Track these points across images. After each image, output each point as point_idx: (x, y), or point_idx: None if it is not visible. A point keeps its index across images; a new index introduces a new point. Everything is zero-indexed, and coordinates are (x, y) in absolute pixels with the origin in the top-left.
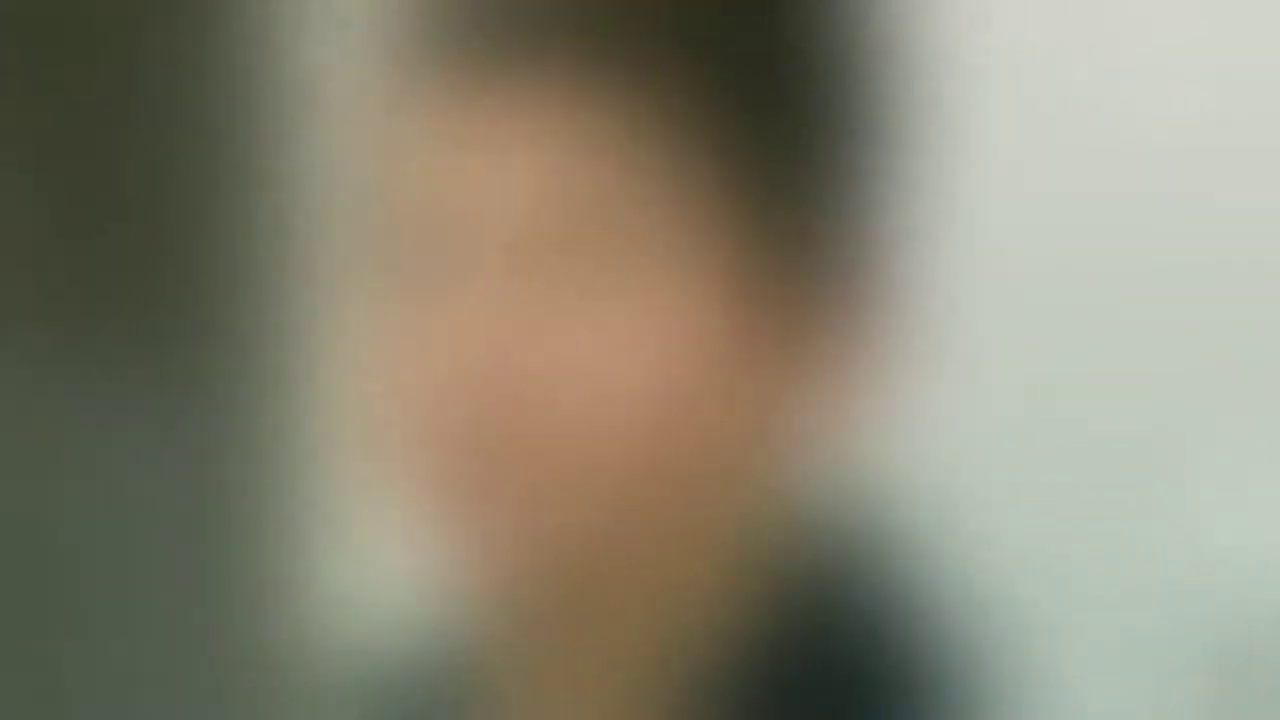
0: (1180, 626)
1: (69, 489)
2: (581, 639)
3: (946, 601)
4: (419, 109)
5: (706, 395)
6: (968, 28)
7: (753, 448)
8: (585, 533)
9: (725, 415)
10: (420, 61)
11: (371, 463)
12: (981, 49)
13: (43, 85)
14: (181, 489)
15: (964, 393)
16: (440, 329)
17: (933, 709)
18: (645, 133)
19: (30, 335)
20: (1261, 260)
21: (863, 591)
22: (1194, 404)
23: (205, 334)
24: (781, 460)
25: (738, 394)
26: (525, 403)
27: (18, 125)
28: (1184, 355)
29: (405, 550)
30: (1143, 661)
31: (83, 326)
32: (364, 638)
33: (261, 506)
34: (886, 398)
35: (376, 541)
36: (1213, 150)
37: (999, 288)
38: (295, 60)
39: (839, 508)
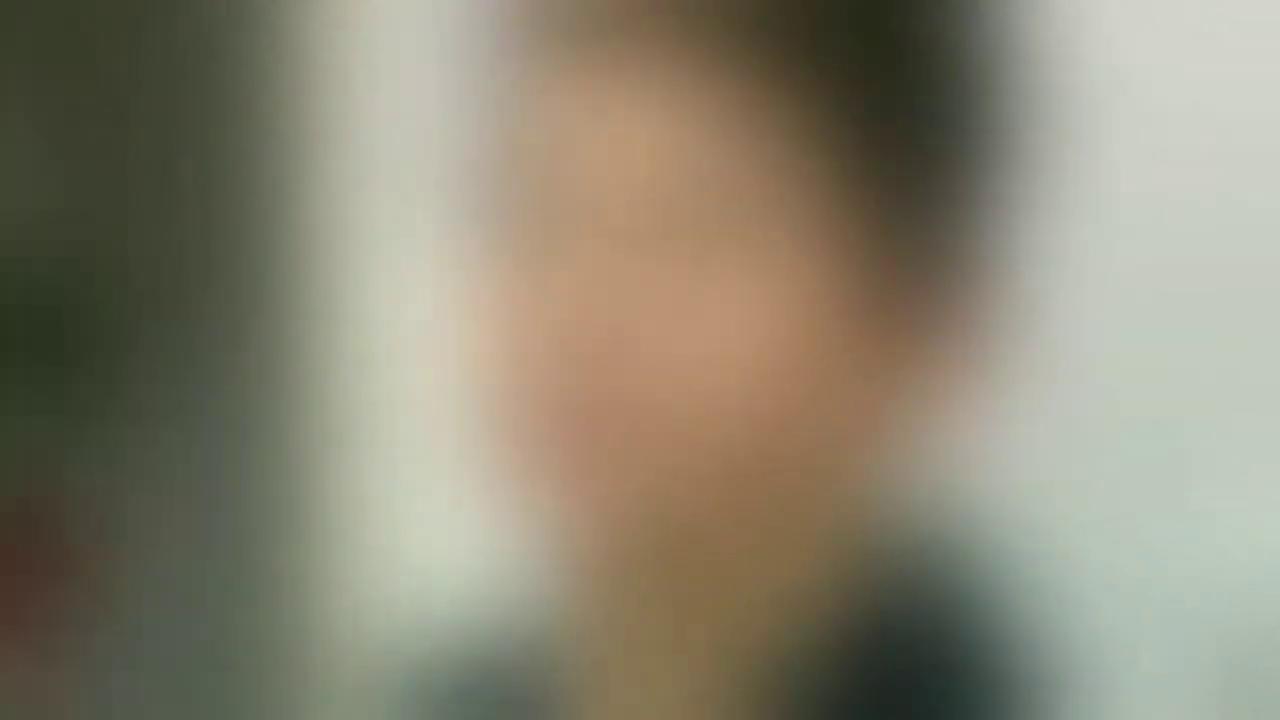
0: (1207, 625)
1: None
2: (668, 620)
3: (1031, 607)
4: (533, 80)
5: (811, 382)
6: (1090, 33)
7: (854, 440)
8: (679, 512)
9: (829, 404)
10: (536, 31)
11: (459, 436)
12: (1103, 55)
13: (66, 70)
14: (211, 479)
15: (1068, 400)
16: (549, 299)
17: (1012, 713)
18: (765, 111)
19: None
20: None
21: (952, 595)
22: None
23: (240, 314)
24: (882, 456)
25: (843, 384)
26: (629, 377)
27: (32, 115)
28: None
29: (494, 525)
30: (1165, 659)
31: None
32: (439, 617)
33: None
34: (991, 401)
35: (460, 516)
36: None
37: (1111, 296)
38: (341, 40)
39: (936, 509)
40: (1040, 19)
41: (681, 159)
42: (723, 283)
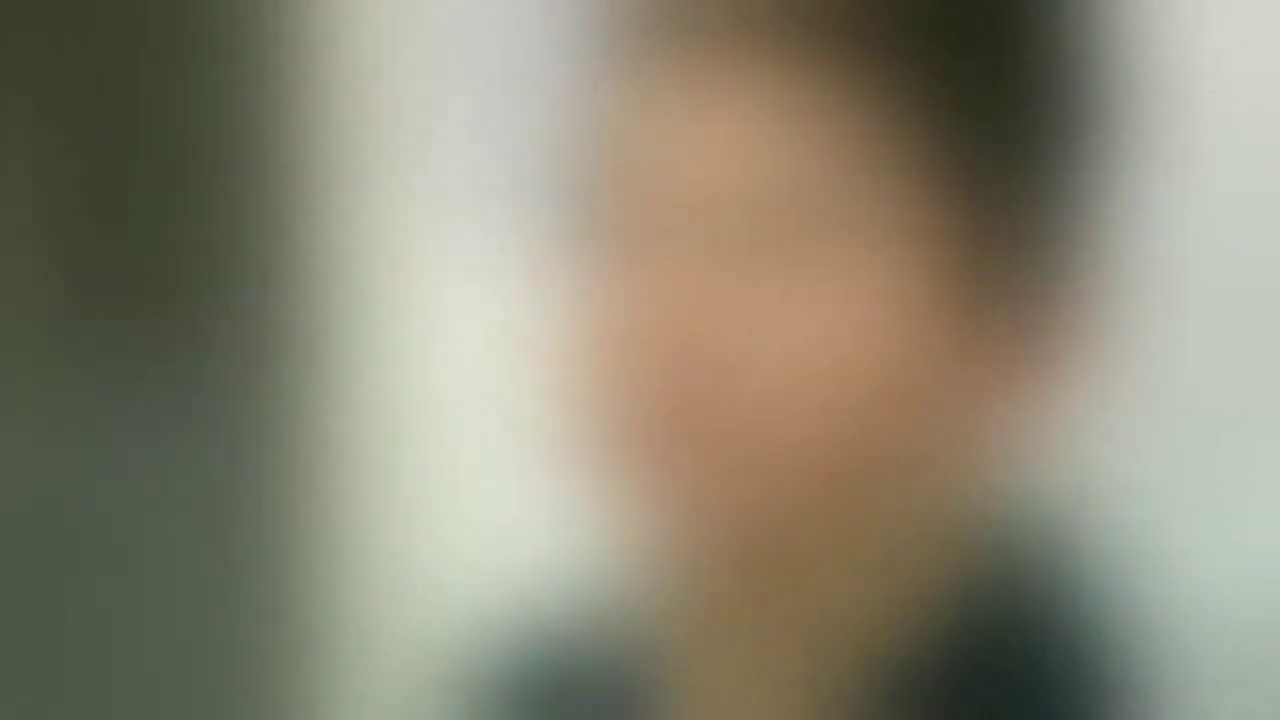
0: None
1: (111, 481)
2: (758, 617)
3: (1118, 602)
4: (624, 85)
5: (904, 384)
6: (1182, 29)
7: (945, 438)
8: (770, 514)
9: (921, 406)
10: (627, 36)
11: (546, 434)
12: (1194, 51)
13: (72, 71)
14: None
15: (1159, 396)
16: (641, 303)
17: (1107, 710)
18: (857, 114)
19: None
20: None
21: (1047, 591)
22: None
23: (248, 321)
24: (973, 453)
25: (935, 385)
26: (722, 379)
27: (39, 111)
28: None
29: (581, 524)
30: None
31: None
32: (521, 615)
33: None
34: (1083, 397)
35: (546, 515)
36: None
37: (1204, 293)
38: (339, 51)
39: (1028, 505)
40: (1132, 14)
41: (773, 162)
42: (814, 285)
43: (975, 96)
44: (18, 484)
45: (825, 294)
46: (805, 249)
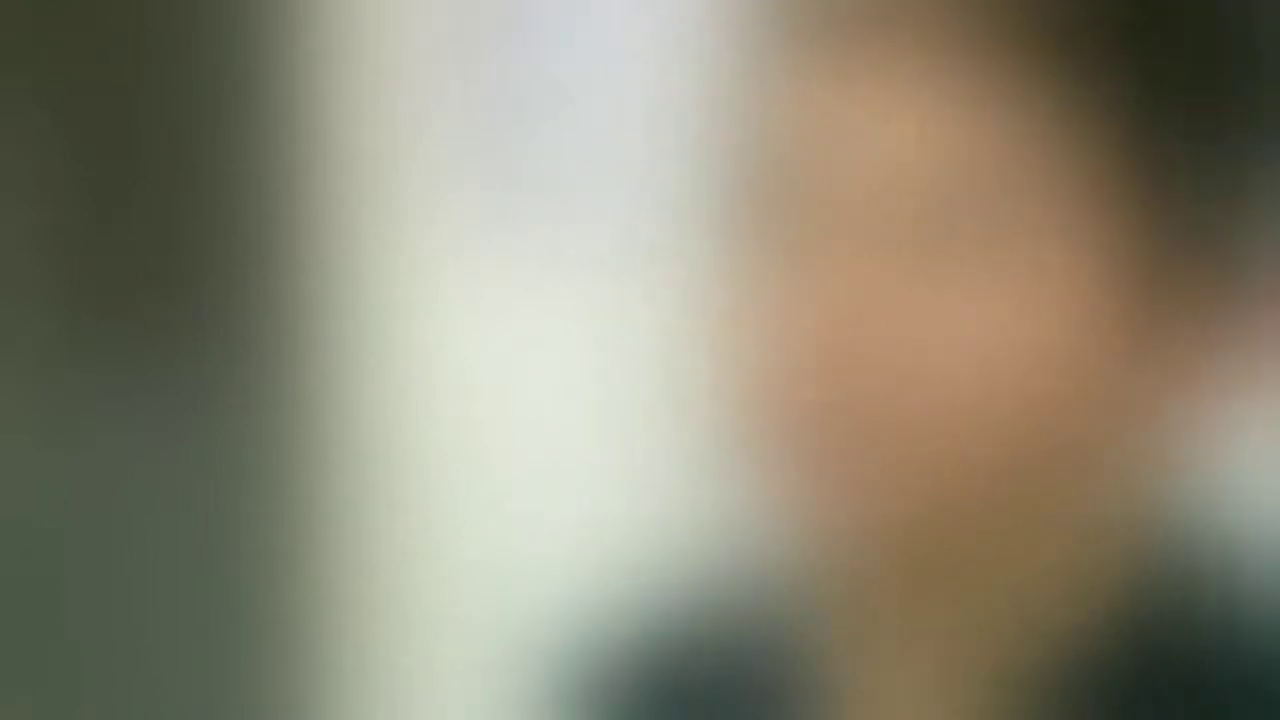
0: None
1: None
2: (920, 618)
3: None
4: (786, 79)
5: (1077, 384)
6: None
7: (1119, 441)
8: (936, 515)
9: (1095, 407)
10: (790, 28)
11: (703, 426)
12: None
13: (72, 71)
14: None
15: None
16: (807, 300)
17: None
18: (1036, 110)
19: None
20: None
21: (1216, 592)
22: None
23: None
24: (1146, 456)
25: (1109, 386)
26: (888, 376)
27: (38, 111)
28: None
29: (741, 517)
30: None
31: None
32: (675, 607)
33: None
34: (1263, 402)
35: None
36: None
37: None
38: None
39: (1202, 508)
40: None
41: (946, 157)
42: (985, 283)
43: (1160, 93)
44: (17, 483)
45: (996, 292)
46: (976, 246)
